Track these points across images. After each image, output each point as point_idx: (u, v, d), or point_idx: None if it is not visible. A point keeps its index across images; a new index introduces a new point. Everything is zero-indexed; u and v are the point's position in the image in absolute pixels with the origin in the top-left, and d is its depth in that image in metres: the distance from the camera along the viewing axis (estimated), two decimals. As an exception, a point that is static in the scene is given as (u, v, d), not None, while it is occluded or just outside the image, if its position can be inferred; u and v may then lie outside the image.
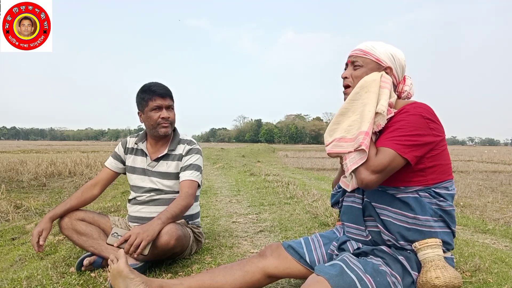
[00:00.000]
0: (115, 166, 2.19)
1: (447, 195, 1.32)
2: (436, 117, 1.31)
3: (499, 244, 2.96)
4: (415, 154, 1.26)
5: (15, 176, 7.91)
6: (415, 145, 1.25)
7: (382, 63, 1.41)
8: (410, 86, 1.45)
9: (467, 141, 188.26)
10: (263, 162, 15.23)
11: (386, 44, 1.46)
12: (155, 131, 2.06)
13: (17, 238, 3.52)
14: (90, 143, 73.79)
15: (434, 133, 1.28)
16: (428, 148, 1.28)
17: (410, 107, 1.31)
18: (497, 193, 6.84)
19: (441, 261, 1.25)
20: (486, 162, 17.94)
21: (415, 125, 1.26)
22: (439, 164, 1.31)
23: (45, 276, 1.85)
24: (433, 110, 1.32)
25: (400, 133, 1.26)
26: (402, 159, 1.25)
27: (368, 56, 1.43)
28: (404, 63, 1.44)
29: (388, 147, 1.26)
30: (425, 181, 1.31)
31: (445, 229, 1.32)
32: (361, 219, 1.41)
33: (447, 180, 1.34)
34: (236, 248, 2.36)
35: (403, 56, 1.45)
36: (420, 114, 1.27)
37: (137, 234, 1.69)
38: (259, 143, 78.22)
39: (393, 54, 1.42)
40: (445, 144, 1.35)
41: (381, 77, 1.37)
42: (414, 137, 1.25)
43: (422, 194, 1.31)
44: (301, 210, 3.57)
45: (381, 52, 1.42)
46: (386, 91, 1.34)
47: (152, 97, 2.01)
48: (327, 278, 1.17)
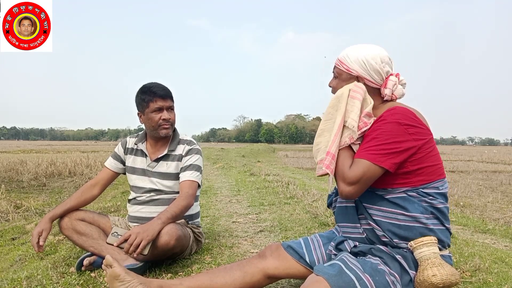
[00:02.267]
0: (115, 166, 2.19)
1: (437, 193, 1.32)
2: (416, 121, 1.29)
3: (499, 244, 2.96)
4: (393, 162, 1.26)
5: (15, 176, 7.91)
6: (392, 152, 1.26)
7: (352, 72, 1.40)
8: (394, 88, 1.38)
9: (467, 141, 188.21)
10: (263, 162, 15.22)
11: (363, 48, 1.40)
12: (155, 132, 2.06)
13: (17, 238, 3.52)
14: (90, 143, 73.74)
15: (415, 138, 1.27)
16: (409, 153, 1.27)
17: (388, 113, 1.30)
18: (497, 193, 6.83)
19: (437, 259, 1.25)
20: (486, 162, 17.93)
21: (391, 133, 1.26)
22: (425, 167, 1.30)
23: (45, 276, 1.85)
24: (413, 114, 1.30)
25: (376, 142, 1.28)
26: (379, 168, 1.26)
27: (340, 67, 1.44)
28: (379, 66, 1.37)
29: (362, 158, 1.28)
30: (411, 183, 1.31)
31: (439, 226, 1.32)
32: (356, 217, 1.42)
33: (436, 180, 1.33)
34: (236, 248, 2.36)
35: (379, 58, 1.38)
36: (397, 121, 1.27)
37: (137, 233, 1.69)
38: (259, 143, 78.14)
39: (365, 60, 1.37)
40: (431, 146, 1.32)
41: (349, 90, 1.37)
42: (391, 144, 1.26)
43: (410, 194, 1.31)
44: (301, 210, 3.57)
45: (352, 60, 1.40)
46: (356, 102, 1.34)
47: (152, 98, 2.00)
48: (326, 278, 1.17)
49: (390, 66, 1.41)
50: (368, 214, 1.37)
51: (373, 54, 1.38)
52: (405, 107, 1.33)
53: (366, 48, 1.40)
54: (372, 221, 1.36)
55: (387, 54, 1.41)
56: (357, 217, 1.42)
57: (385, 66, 1.39)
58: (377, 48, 1.41)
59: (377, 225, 1.35)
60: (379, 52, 1.39)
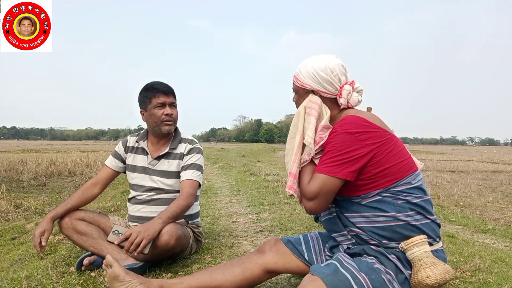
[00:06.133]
0: (115, 165, 2.19)
1: (410, 189, 1.32)
2: (368, 126, 1.29)
3: (499, 244, 2.97)
4: (348, 171, 1.27)
5: (15, 175, 7.90)
6: (346, 162, 1.27)
7: (306, 87, 1.43)
8: (348, 97, 1.40)
9: (467, 141, 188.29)
10: (263, 162, 15.22)
11: (313, 61, 1.42)
12: (158, 128, 2.06)
13: (17, 237, 3.52)
14: (90, 142, 73.82)
15: (368, 143, 1.27)
16: (366, 159, 1.28)
17: (338, 125, 1.33)
18: (497, 193, 6.83)
19: (429, 258, 1.26)
20: (486, 162, 17.91)
21: (343, 143, 1.28)
22: (388, 167, 1.30)
23: (45, 275, 1.85)
24: (363, 120, 1.30)
25: (329, 155, 1.30)
26: (336, 179, 1.28)
27: (296, 83, 1.48)
28: (330, 77, 1.38)
29: (318, 173, 1.31)
30: (381, 185, 1.31)
31: (422, 220, 1.32)
32: (341, 226, 1.43)
33: (406, 176, 1.32)
34: (236, 248, 2.36)
35: (329, 69, 1.39)
36: (346, 131, 1.28)
37: (138, 232, 1.69)
38: (259, 143, 78.20)
39: (315, 73, 1.39)
40: (391, 146, 1.31)
41: (305, 108, 1.40)
42: (344, 155, 1.27)
43: (384, 195, 1.32)
44: (301, 210, 3.57)
45: (304, 76, 1.43)
46: (312, 119, 1.37)
47: (155, 94, 2.02)
48: (321, 277, 1.18)
49: (344, 74, 1.41)
50: (350, 222, 1.39)
51: (323, 66, 1.40)
52: (355, 115, 1.33)
53: (316, 61, 1.42)
54: (356, 228, 1.38)
55: (338, 62, 1.41)
56: (342, 225, 1.43)
57: (337, 76, 1.39)
58: (327, 58, 1.42)
59: (362, 231, 1.36)
60: (328, 63, 1.40)
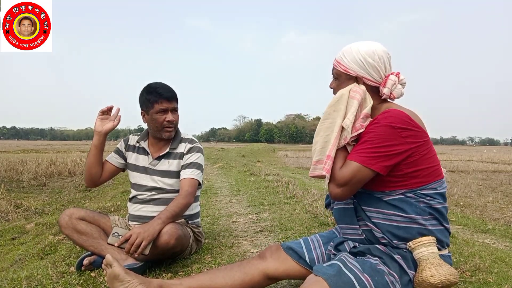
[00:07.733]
0: (116, 160, 2.18)
1: (435, 194, 1.31)
2: (411, 124, 1.26)
3: (499, 244, 2.97)
4: (383, 165, 1.25)
5: (15, 175, 7.89)
6: (384, 155, 1.25)
7: (350, 72, 1.37)
8: (392, 87, 1.35)
9: (467, 141, 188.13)
10: (263, 162, 15.22)
11: (359, 46, 1.36)
12: (158, 133, 2.07)
13: (17, 237, 3.52)
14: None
15: (408, 141, 1.25)
16: (402, 157, 1.26)
17: (382, 116, 1.29)
18: (497, 193, 6.83)
19: (436, 259, 1.25)
20: (486, 162, 17.91)
21: (383, 136, 1.25)
22: (421, 169, 1.29)
23: (45, 275, 1.85)
24: (407, 116, 1.27)
25: (367, 145, 1.27)
26: (369, 170, 1.26)
27: (338, 68, 1.41)
28: (377, 63, 1.34)
29: (352, 160, 1.28)
30: (409, 185, 1.30)
31: (438, 226, 1.32)
32: (355, 219, 1.41)
33: (434, 181, 1.31)
34: (236, 248, 2.36)
35: (377, 55, 1.34)
36: (390, 124, 1.25)
37: (138, 233, 1.69)
38: (259, 142, 78.15)
39: (363, 58, 1.34)
40: (427, 148, 1.30)
41: (349, 90, 1.35)
42: (382, 148, 1.25)
43: (408, 195, 1.30)
44: (301, 210, 3.57)
45: (349, 60, 1.36)
46: (355, 102, 1.32)
47: (158, 99, 2.00)
48: (325, 278, 1.17)
49: (389, 63, 1.37)
50: (367, 216, 1.37)
51: (370, 51, 1.34)
52: (400, 110, 1.31)
53: (363, 46, 1.36)
54: (370, 223, 1.36)
55: (384, 49, 1.37)
56: (356, 218, 1.41)
57: (384, 63, 1.35)
58: (374, 44, 1.37)
59: (376, 227, 1.35)
60: (376, 48, 1.35)
